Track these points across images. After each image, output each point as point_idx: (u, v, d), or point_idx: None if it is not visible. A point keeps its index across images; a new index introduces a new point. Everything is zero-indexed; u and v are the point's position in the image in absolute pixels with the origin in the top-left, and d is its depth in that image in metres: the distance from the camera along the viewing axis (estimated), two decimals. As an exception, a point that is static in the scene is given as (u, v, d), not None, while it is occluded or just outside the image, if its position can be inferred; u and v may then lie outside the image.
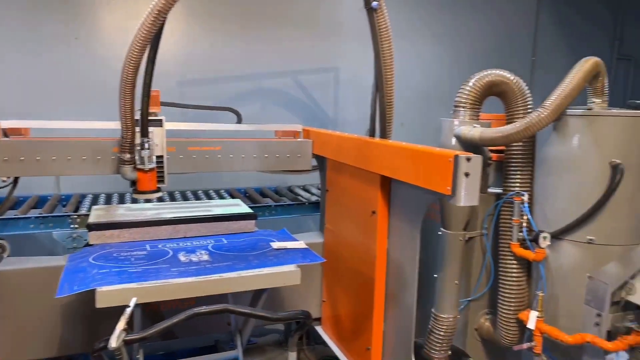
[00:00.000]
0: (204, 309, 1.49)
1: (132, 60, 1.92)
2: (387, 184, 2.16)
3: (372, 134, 2.56)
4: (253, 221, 2.16)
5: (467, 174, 1.66)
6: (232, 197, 3.35)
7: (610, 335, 1.89)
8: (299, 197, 3.47)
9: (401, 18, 4.79)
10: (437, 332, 2.16)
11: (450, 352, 2.17)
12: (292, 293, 2.64)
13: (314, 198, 3.40)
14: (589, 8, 5.54)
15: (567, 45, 5.41)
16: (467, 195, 1.68)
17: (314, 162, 2.86)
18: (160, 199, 3.08)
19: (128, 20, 3.70)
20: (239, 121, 3.27)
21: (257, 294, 1.79)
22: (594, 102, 2.07)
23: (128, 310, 1.40)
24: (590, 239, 1.93)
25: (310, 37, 4.43)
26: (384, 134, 2.46)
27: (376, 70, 2.39)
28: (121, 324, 1.35)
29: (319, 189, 3.56)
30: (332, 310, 2.68)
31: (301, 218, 3.52)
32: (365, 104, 2.67)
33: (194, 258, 1.80)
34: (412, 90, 4.84)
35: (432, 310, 2.20)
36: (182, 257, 1.81)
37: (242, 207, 2.27)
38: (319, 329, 2.77)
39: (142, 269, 1.67)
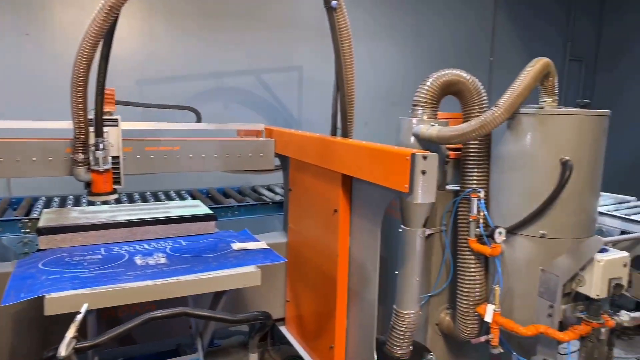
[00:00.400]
0: (159, 313, 1.45)
1: (84, 57, 1.85)
2: (348, 183, 2.17)
3: (333, 133, 2.58)
4: (213, 222, 2.13)
5: (424, 172, 1.69)
6: (194, 198, 3.30)
7: (562, 326, 1.96)
8: (263, 197, 3.44)
9: (365, 18, 4.84)
10: (398, 328, 2.18)
11: (412, 347, 2.19)
12: (256, 294, 2.62)
13: (278, 198, 3.38)
14: (543, 11, 5.75)
15: (524, 47, 5.60)
16: (424, 192, 1.72)
17: (277, 162, 2.84)
18: (118, 201, 3.00)
19: (83, 16, 3.57)
20: (199, 120, 3.22)
21: (217, 296, 1.76)
22: (545, 101, 2.14)
23: (78, 317, 1.35)
24: (543, 234, 1.99)
25: (273, 35, 4.42)
26: (346, 133, 2.47)
27: (336, 70, 2.40)
28: (71, 332, 1.30)
29: (283, 189, 3.54)
30: (296, 309, 2.67)
31: (267, 218, 3.50)
32: (329, 103, 2.68)
33: (150, 261, 1.76)
34: (376, 89, 4.90)
35: (394, 306, 2.22)
36: (138, 261, 1.76)
37: (202, 208, 2.23)
38: (283, 329, 2.76)
39: (95, 274, 1.61)
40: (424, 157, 1.68)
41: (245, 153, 2.67)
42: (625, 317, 2.00)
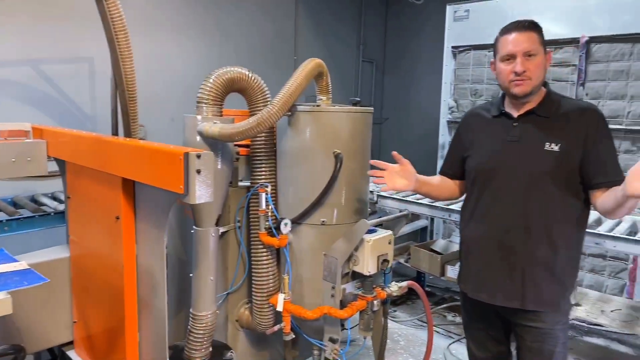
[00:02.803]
0: None
1: None
2: (130, 187, 2.01)
3: (114, 132, 2.37)
4: (-48, 245, 1.75)
5: (199, 171, 1.65)
6: (-54, 215, 2.70)
7: (344, 304, 2.16)
8: (44, 208, 3.00)
9: (171, 12, 4.61)
10: (196, 331, 2.13)
11: (211, 348, 2.16)
12: (36, 318, 2.28)
13: (62, 207, 2.98)
14: (339, 14, 6.27)
15: (324, 47, 6.03)
16: (200, 192, 1.68)
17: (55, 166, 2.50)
18: None
19: None
20: None
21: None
22: (321, 99, 2.31)
23: None
24: (323, 221, 2.16)
25: (56, 21, 3.88)
26: (128, 132, 2.29)
27: (113, 64, 2.20)
28: None
29: (69, 196, 3.14)
30: (84, 330, 2.40)
31: (50, 231, 3.06)
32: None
33: None
34: (184, 85, 4.71)
35: (190, 310, 2.16)
36: None
37: (-63, 229, 1.82)
38: (71, 353, 2.46)
39: None
40: (198, 156, 1.64)
41: (6, 158, 2.26)
42: (394, 287, 2.30)
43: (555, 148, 1.87)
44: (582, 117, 1.88)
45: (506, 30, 1.93)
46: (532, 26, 1.90)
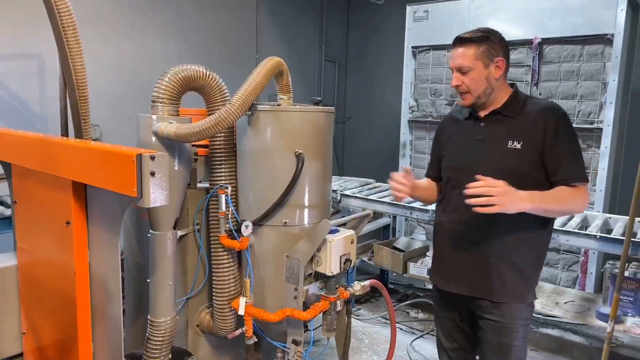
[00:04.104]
0: None
1: None
2: (81, 190, 1.92)
3: (64, 132, 2.26)
4: None
5: (153, 173, 1.59)
6: None
7: (307, 306, 2.14)
8: (-11, 213, 2.84)
9: (124, 7, 4.46)
10: (154, 338, 2.06)
11: (170, 355, 2.10)
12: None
13: (9, 212, 2.83)
14: (301, 13, 6.24)
15: (286, 46, 5.99)
16: (155, 195, 1.61)
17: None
18: None
19: None
20: None
21: None
22: (282, 98, 2.28)
23: None
24: (285, 222, 2.13)
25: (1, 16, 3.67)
26: (79, 133, 2.19)
27: (61, 61, 2.10)
28: None
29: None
30: (35, 341, 2.27)
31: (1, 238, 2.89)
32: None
33: None
34: (141, 83, 4.56)
35: (148, 316, 2.09)
36: None
37: None
38: (21, 367, 2.33)
39: None
40: (152, 158, 1.58)
41: (-56, 161, 2.12)
42: (357, 287, 2.29)
43: (518, 146, 1.94)
44: (542, 115, 1.95)
45: (453, 41, 2.01)
46: (472, 39, 1.95)
